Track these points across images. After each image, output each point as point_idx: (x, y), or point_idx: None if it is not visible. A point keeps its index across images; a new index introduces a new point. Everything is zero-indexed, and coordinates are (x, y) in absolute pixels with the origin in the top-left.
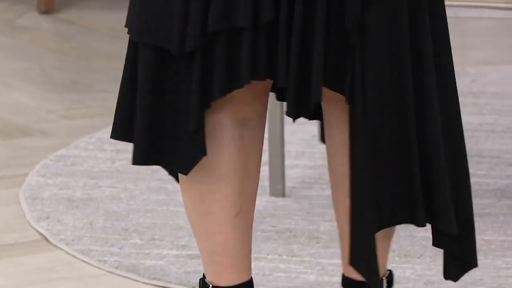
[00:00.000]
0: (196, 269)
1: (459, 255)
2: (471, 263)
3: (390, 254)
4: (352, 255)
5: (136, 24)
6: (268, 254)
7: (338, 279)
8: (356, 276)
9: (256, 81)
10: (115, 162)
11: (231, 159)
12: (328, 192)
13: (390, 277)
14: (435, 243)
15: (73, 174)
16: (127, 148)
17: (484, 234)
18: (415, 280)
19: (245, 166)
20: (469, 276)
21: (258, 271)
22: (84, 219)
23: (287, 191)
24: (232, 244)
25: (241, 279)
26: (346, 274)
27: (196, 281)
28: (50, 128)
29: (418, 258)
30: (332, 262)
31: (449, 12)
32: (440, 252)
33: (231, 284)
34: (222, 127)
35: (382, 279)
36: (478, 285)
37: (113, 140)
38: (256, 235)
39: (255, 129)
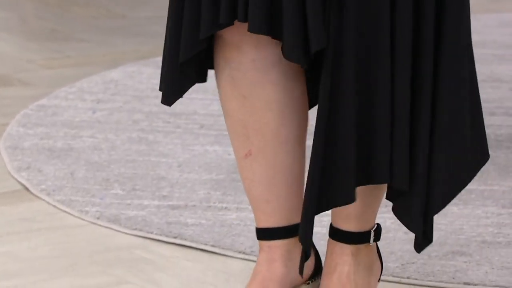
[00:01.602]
0: (178, 220)
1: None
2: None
3: None
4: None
5: None
6: (249, 205)
7: (319, 229)
8: (343, 226)
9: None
10: (96, 112)
11: (230, 96)
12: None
13: (377, 230)
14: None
15: (53, 124)
16: (108, 98)
17: None
18: (396, 230)
19: (246, 109)
20: (449, 226)
21: (239, 221)
22: (65, 169)
23: None
24: (248, 186)
25: (267, 224)
26: (334, 224)
27: (177, 231)
28: (30, 78)
29: None
30: None
31: None
32: None
33: (265, 226)
34: (218, 63)
35: (370, 231)
36: (458, 234)
37: (94, 90)
38: (237, 185)
39: (248, 73)
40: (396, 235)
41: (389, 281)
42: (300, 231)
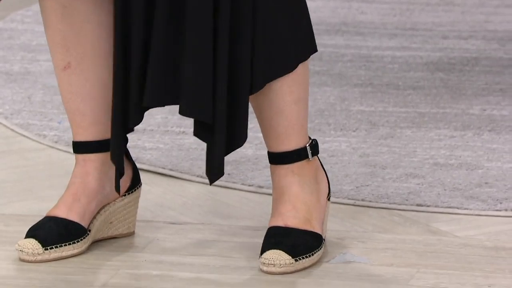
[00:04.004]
0: (136, 144)
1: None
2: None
3: (326, 128)
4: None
5: None
6: None
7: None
8: (278, 148)
9: None
10: None
11: (49, 7)
12: None
13: (313, 144)
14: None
15: (10, 48)
16: None
17: (417, 107)
18: (351, 153)
19: (65, 20)
20: (402, 148)
21: (197, 145)
22: (23, 93)
23: None
24: (65, 98)
25: (82, 137)
26: (270, 150)
27: (135, 155)
28: None
29: (354, 131)
30: None
31: None
32: (375, 126)
33: (81, 139)
34: None
35: (305, 147)
36: (412, 157)
37: None
38: None
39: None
40: (351, 158)
41: (344, 203)
42: (110, 149)
